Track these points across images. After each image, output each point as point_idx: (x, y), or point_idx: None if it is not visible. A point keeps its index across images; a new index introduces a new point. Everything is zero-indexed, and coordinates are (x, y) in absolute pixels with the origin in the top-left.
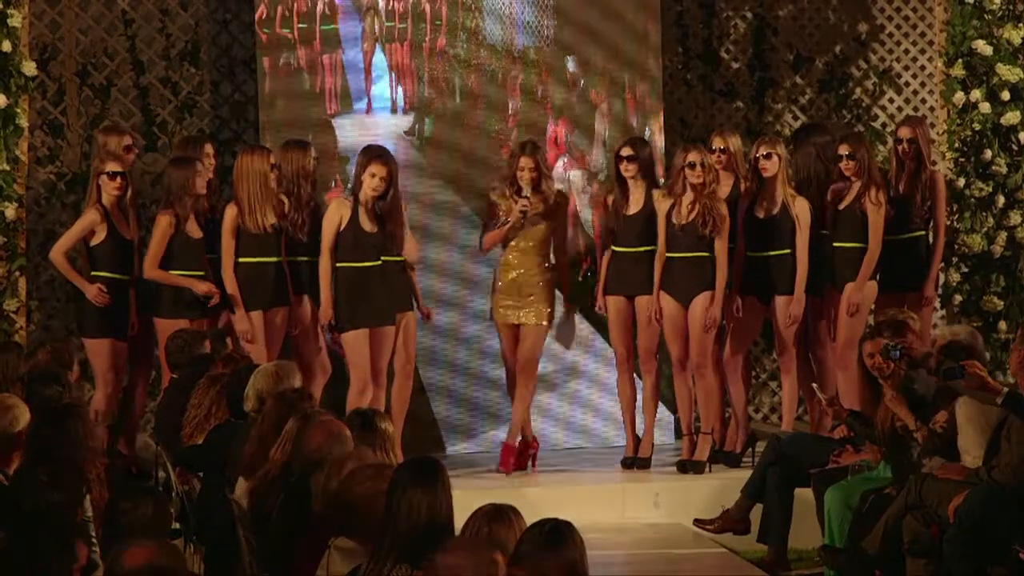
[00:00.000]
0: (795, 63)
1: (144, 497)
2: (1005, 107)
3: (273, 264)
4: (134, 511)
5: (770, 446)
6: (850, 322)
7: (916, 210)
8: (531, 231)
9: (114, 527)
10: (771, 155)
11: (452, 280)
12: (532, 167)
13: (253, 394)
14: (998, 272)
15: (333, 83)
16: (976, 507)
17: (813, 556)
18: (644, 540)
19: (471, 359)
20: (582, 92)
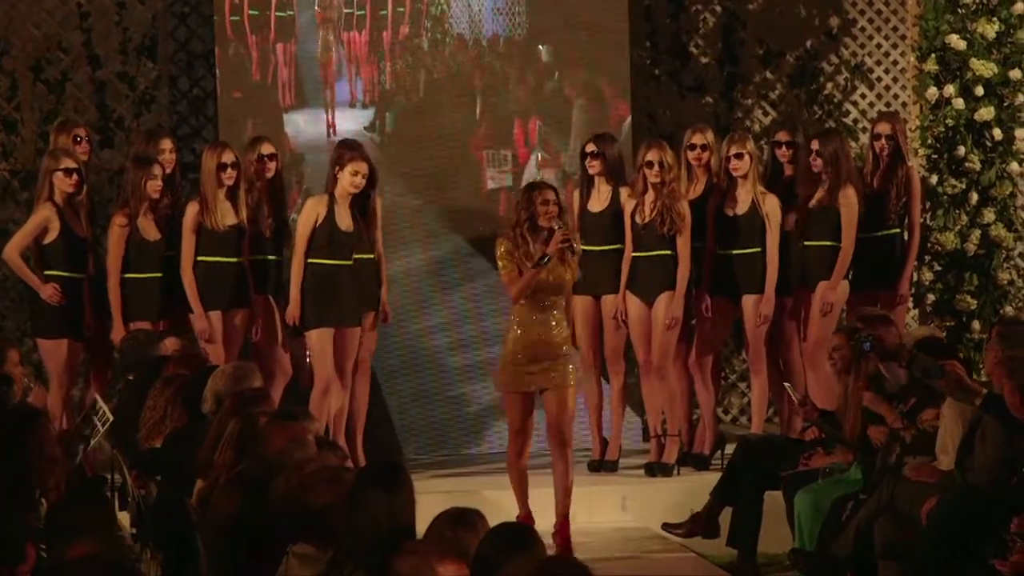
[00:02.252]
0: (765, 58)
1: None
2: (979, 103)
3: (233, 264)
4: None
5: (739, 448)
6: (822, 321)
7: (891, 207)
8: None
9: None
10: (742, 154)
11: (415, 285)
12: (554, 200)
13: (211, 395)
14: (971, 271)
15: (288, 75)
16: (949, 510)
17: (783, 560)
18: (611, 544)
19: (432, 366)
20: (556, 85)
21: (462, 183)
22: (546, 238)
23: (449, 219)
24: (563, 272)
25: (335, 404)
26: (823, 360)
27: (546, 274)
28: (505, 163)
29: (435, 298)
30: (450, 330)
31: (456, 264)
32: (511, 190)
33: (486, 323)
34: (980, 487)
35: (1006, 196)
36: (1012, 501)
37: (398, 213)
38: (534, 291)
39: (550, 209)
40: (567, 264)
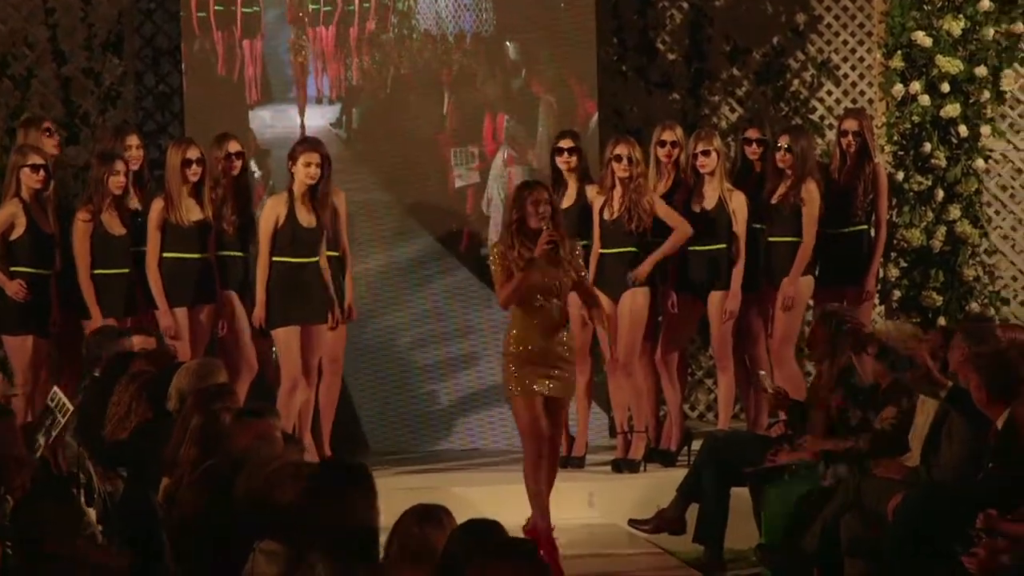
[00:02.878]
0: (732, 54)
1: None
2: (945, 99)
3: (198, 260)
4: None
5: (706, 444)
6: (786, 317)
7: (858, 204)
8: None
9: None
10: (709, 151)
11: (382, 282)
12: (547, 200)
13: (175, 392)
14: (937, 267)
15: (254, 71)
16: (915, 507)
17: (750, 556)
18: (578, 540)
19: (399, 362)
20: (523, 81)
21: (429, 180)
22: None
23: (416, 216)
24: (560, 274)
25: (301, 400)
26: (789, 356)
27: (540, 276)
28: (472, 160)
29: (402, 295)
30: (417, 327)
31: (423, 261)
32: (478, 187)
33: (453, 320)
34: (946, 483)
35: (971, 193)
36: (978, 497)
37: (365, 210)
38: (530, 295)
39: (541, 210)
40: (566, 265)
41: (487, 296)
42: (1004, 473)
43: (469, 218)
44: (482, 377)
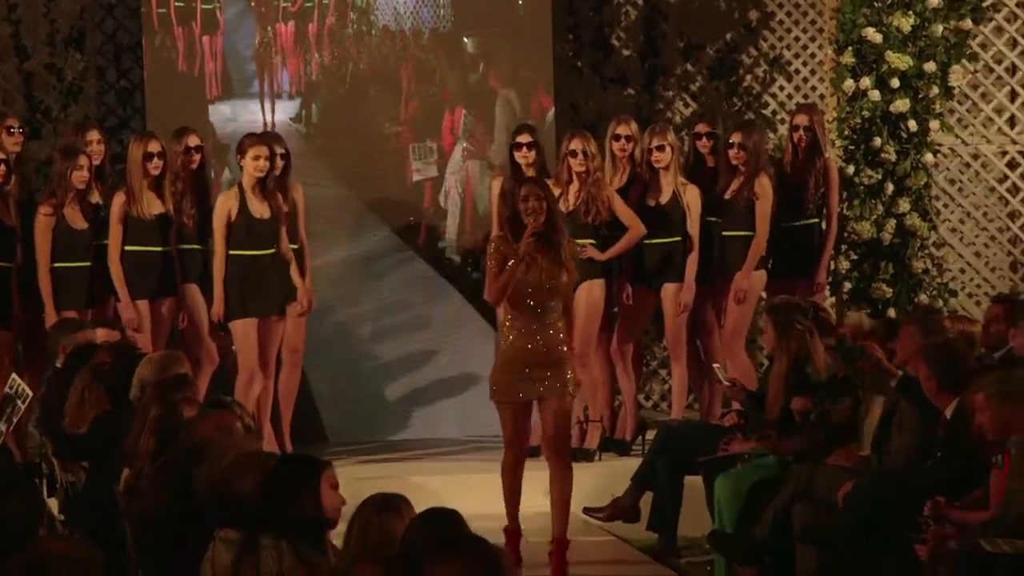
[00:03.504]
0: (686, 50)
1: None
2: (894, 95)
3: (160, 253)
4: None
5: (660, 434)
6: (738, 310)
7: (809, 197)
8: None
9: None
10: (663, 146)
11: (341, 275)
12: (537, 195)
13: (137, 383)
14: (887, 260)
15: (214, 67)
16: (865, 494)
17: (703, 543)
18: (534, 529)
19: (358, 354)
20: (480, 77)
21: (388, 174)
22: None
23: (375, 209)
24: (557, 273)
25: (258, 391)
26: (739, 348)
27: (538, 275)
28: (431, 154)
29: (361, 287)
30: (376, 319)
31: (382, 254)
32: (436, 181)
33: (412, 312)
34: (896, 472)
35: (921, 186)
36: (927, 485)
37: (324, 203)
38: (525, 294)
39: (529, 205)
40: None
41: (445, 289)
42: (952, 462)
43: (427, 211)
44: (439, 368)
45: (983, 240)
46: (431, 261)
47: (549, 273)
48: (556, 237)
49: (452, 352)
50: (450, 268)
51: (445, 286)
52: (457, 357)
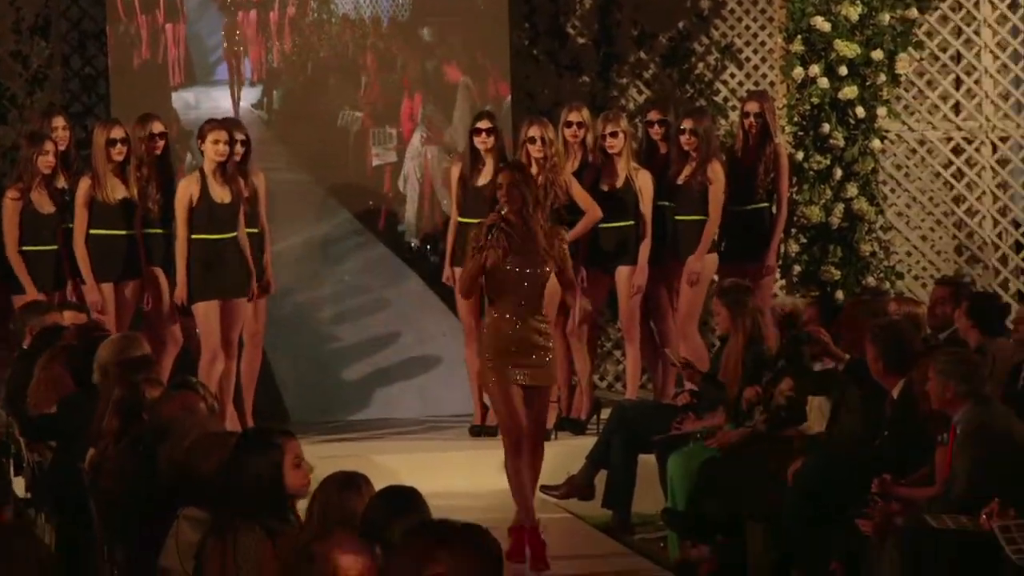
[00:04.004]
0: (639, 39)
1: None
2: (842, 82)
3: (124, 237)
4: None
5: (615, 414)
6: (691, 292)
7: (760, 182)
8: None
9: None
10: (617, 132)
11: (302, 258)
12: (512, 182)
13: (97, 366)
14: (835, 243)
15: (177, 54)
16: (813, 472)
17: (656, 520)
18: (492, 506)
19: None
20: (438, 64)
21: (348, 159)
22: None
23: (335, 194)
24: (537, 261)
25: (220, 371)
26: (693, 330)
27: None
28: (390, 140)
29: (322, 270)
30: (336, 301)
31: (342, 237)
32: (395, 166)
33: (371, 294)
34: (843, 450)
35: (868, 172)
36: (874, 463)
37: (286, 188)
38: (504, 284)
39: (500, 193)
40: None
41: (404, 271)
42: (899, 440)
43: (386, 196)
44: (399, 349)
45: (929, 224)
46: (390, 245)
47: (528, 261)
48: (532, 224)
49: (411, 333)
50: (409, 251)
51: (404, 269)
52: (416, 338)
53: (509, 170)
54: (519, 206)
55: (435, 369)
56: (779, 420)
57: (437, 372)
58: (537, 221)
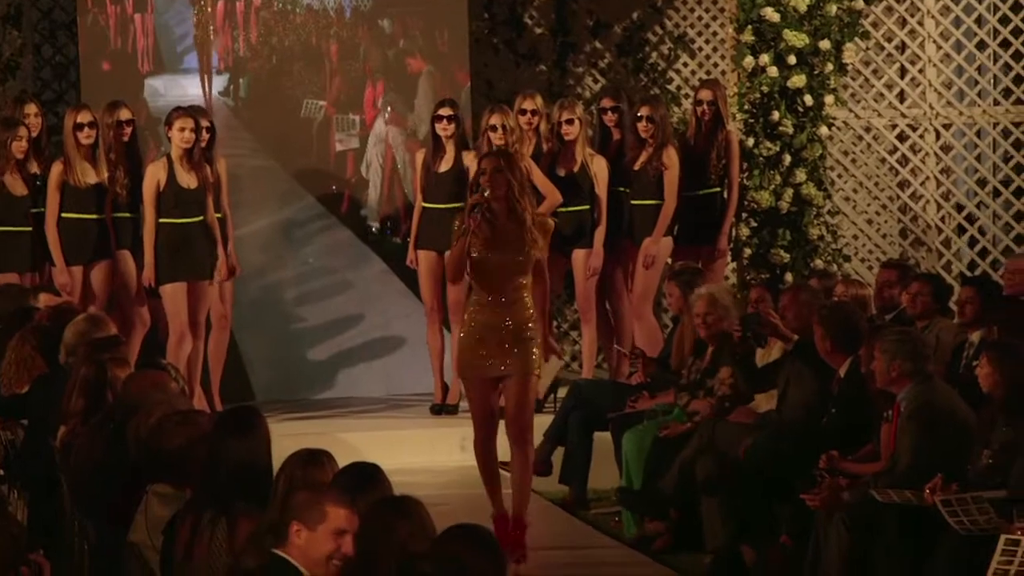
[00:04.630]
0: (595, 29)
1: None
2: (791, 71)
3: (95, 220)
4: None
5: (571, 392)
6: (646, 274)
7: (712, 168)
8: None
9: None
10: (572, 120)
11: (267, 242)
12: (495, 168)
13: (64, 346)
14: (785, 227)
15: (146, 44)
16: (764, 448)
17: (611, 495)
18: (451, 482)
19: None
20: (399, 53)
21: (312, 145)
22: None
23: (300, 179)
24: (521, 247)
25: (187, 351)
26: (648, 311)
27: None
28: (353, 127)
29: (287, 253)
30: (301, 283)
31: (307, 221)
32: (358, 152)
33: (335, 276)
34: (792, 427)
35: (816, 157)
36: (822, 440)
37: (253, 173)
38: (487, 269)
39: (484, 179)
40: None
41: (367, 254)
42: (846, 417)
43: (350, 181)
44: (362, 330)
45: (875, 208)
46: (354, 228)
47: (512, 248)
48: (518, 210)
49: (374, 314)
50: (372, 235)
51: (367, 252)
52: (379, 319)
53: (494, 156)
54: (504, 192)
55: (397, 349)
56: (724, 409)
57: (399, 352)
58: (523, 208)
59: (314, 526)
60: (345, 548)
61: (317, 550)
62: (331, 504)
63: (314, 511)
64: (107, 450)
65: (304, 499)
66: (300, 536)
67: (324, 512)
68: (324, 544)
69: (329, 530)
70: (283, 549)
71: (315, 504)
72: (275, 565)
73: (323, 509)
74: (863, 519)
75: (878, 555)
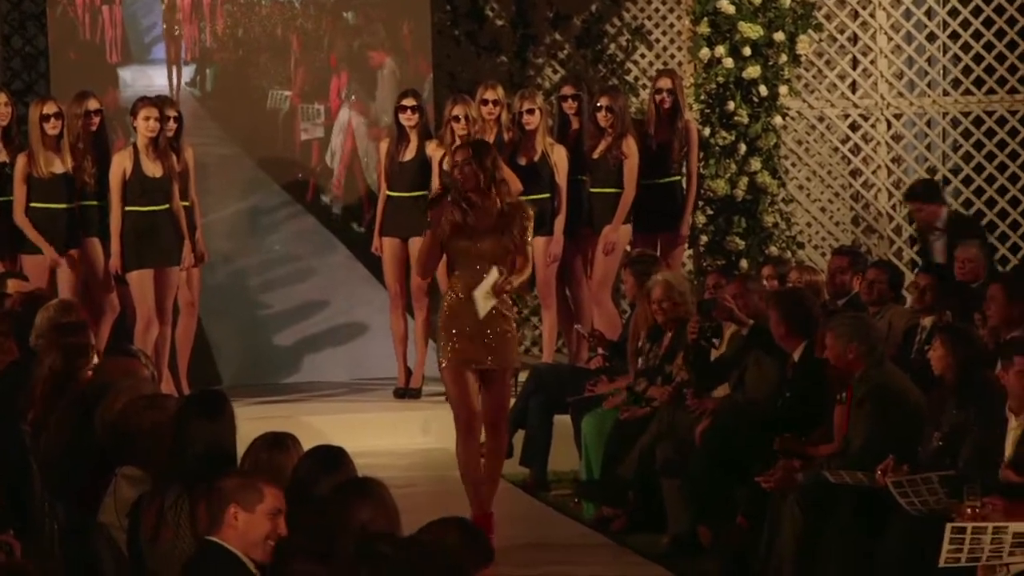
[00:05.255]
0: (554, 21)
1: None
2: (746, 62)
3: (62, 210)
4: None
5: (532, 376)
6: (605, 261)
7: (673, 157)
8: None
9: None
10: (533, 110)
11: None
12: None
13: (35, 331)
14: (740, 215)
15: (114, 34)
16: (720, 431)
17: (571, 477)
18: (415, 464)
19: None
20: (363, 44)
21: (278, 135)
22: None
23: (266, 168)
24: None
25: (154, 337)
26: (607, 297)
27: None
28: (318, 117)
29: (253, 241)
30: (267, 270)
31: (273, 209)
32: (323, 141)
33: (301, 263)
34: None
35: (771, 147)
36: (776, 422)
37: (219, 163)
38: (464, 260)
39: (456, 171)
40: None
41: (331, 241)
42: (800, 400)
43: (315, 169)
44: (327, 315)
45: (828, 196)
46: (318, 216)
47: (485, 239)
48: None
49: (338, 300)
50: (336, 222)
51: (331, 239)
52: (343, 305)
53: (464, 147)
54: (474, 184)
55: (361, 334)
56: (682, 395)
57: (363, 337)
58: (493, 197)
59: (252, 507)
60: (280, 529)
61: (256, 532)
62: (266, 485)
63: (251, 493)
64: (76, 434)
65: (239, 483)
66: (238, 519)
67: (261, 493)
68: (262, 525)
69: (266, 511)
70: (217, 535)
71: (251, 486)
72: (211, 552)
73: (260, 490)
74: (816, 500)
75: (831, 536)
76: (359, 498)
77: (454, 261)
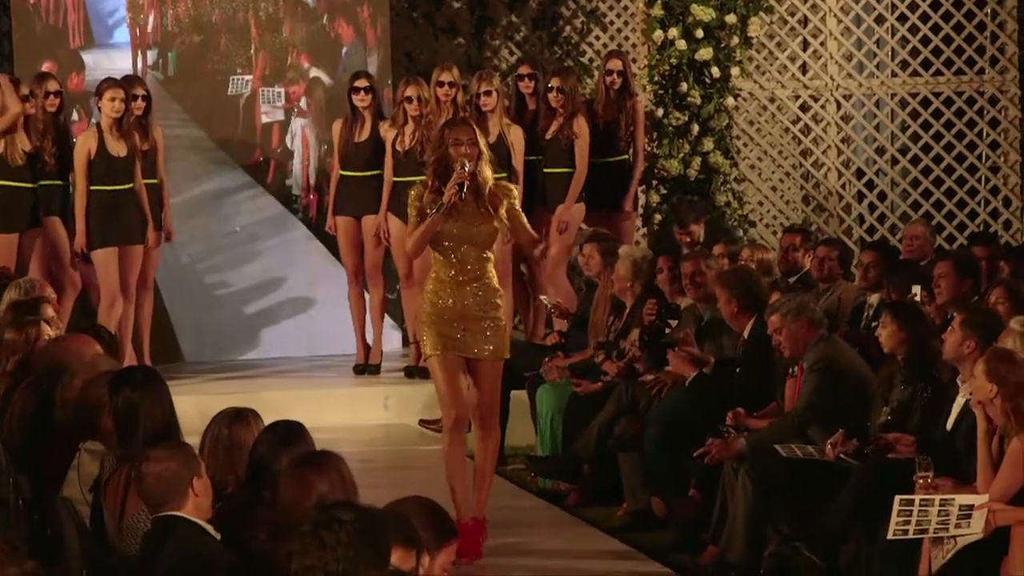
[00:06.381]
0: (511, 3)
1: None
2: (699, 44)
3: (29, 189)
4: None
5: None
6: (560, 239)
7: (620, 135)
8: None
9: None
10: (490, 91)
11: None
12: (470, 140)
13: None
14: (693, 194)
15: (76, 18)
16: (674, 406)
17: (527, 451)
18: (375, 439)
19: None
20: (323, 26)
21: (239, 117)
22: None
23: (227, 150)
24: (485, 219)
25: (119, 314)
26: (562, 274)
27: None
28: (278, 99)
29: (215, 220)
30: (228, 249)
31: (234, 190)
32: (283, 123)
33: (261, 242)
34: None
35: (723, 127)
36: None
37: (182, 144)
38: (450, 245)
39: (462, 151)
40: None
41: (291, 221)
42: (751, 375)
43: (275, 151)
44: (286, 293)
45: (779, 176)
46: (279, 196)
47: (477, 221)
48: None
49: (298, 279)
50: (296, 203)
51: (291, 219)
52: (302, 283)
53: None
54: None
55: (320, 312)
56: (633, 371)
57: (322, 314)
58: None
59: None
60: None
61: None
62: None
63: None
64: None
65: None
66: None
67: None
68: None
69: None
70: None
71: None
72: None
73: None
74: (767, 472)
75: (780, 507)
76: (316, 471)
77: (439, 245)
